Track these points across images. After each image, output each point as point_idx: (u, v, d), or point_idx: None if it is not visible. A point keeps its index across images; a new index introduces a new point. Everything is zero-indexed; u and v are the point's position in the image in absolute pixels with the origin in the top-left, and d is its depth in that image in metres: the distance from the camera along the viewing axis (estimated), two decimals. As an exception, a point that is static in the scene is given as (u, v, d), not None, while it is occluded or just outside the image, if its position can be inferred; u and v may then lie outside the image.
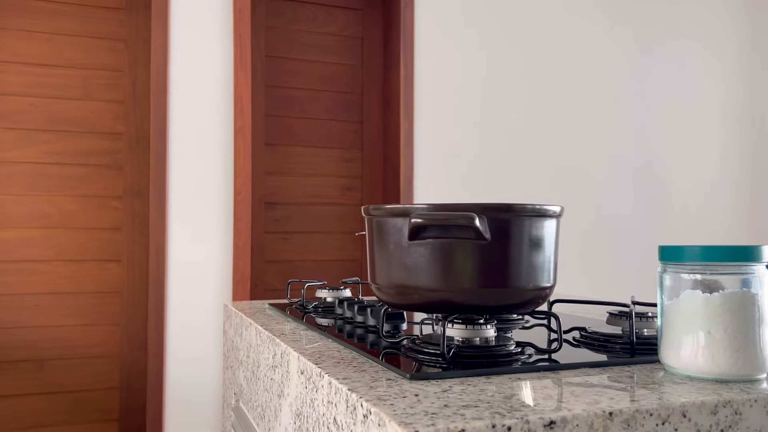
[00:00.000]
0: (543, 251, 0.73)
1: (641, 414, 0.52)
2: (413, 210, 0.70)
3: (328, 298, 1.21)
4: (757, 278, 0.62)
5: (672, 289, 0.65)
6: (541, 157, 3.06)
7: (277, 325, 1.04)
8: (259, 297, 2.69)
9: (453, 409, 0.51)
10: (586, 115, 3.16)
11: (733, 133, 3.52)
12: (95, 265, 2.42)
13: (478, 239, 0.68)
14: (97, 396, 2.40)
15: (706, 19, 3.45)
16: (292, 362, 0.79)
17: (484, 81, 2.95)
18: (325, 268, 2.83)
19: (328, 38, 2.81)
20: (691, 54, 3.41)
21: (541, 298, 0.74)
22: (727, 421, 0.56)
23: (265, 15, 2.75)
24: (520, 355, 0.71)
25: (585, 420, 0.51)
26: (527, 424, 0.49)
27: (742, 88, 3.55)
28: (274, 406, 0.89)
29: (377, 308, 0.92)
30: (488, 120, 2.94)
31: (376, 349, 0.75)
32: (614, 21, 3.22)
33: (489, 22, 2.97)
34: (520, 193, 2.97)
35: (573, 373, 0.66)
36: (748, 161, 3.56)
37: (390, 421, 0.49)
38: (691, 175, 3.40)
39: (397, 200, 2.79)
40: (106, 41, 2.45)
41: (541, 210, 0.72)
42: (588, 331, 0.83)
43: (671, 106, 3.36)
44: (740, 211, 3.52)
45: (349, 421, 0.58)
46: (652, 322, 0.80)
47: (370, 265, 0.80)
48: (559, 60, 3.10)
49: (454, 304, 0.72)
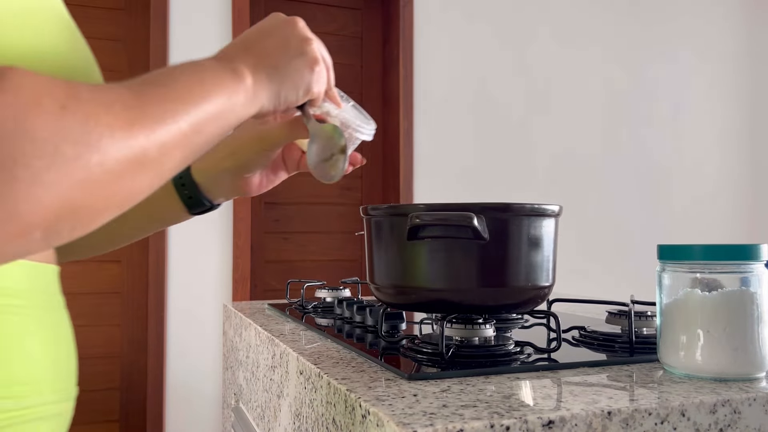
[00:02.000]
0: (542, 250, 0.73)
1: (640, 413, 0.52)
2: (411, 210, 0.70)
3: (327, 298, 1.20)
4: (756, 277, 0.62)
5: (671, 288, 0.65)
6: (541, 156, 3.06)
7: (276, 325, 1.04)
8: (259, 297, 2.69)
9: (451, 409, 0.51)
10: (586, 115, 3.16)
11: (733, 133, 3.52)
12: (95, 265, 2.42)
13: (477, 239, 0.68)
14: (97, 396, 2.40)
15: (707, 19, 3.45)
16: (291, 362, 0.79)
17: (484, 80, 2.95)
18: (325, 268, 2.83)
19: (327, 38, 2.80)
20: (691, 54, 3.41)
21: (540, 298, 0.74)
22: (726, 420, 0.56)
23: (264, 15, 2.75)
24: (519, 354, 0.71)
25: (584, 419, 0.51)
26: (526, 424, 0.49)
27: (743, 88, 3.54)
28: (274, 407, 0.89)
29: (376, 308, 0.92)
30: (487, 120, 2.94)
31: (375, 349, 0.75)
32: (615, 20, 3.22)
33: (488, 22, 2.97)
34: (519, 192, 2.97)
35: (572, 372, 0.66)
36: (748, 161, 3.56)
37: (388, 422, 0.49)
38: (690, 174, 3.40)
39: (397, 200, 2.79)
40: (105, 41, 2.45)
41: (540, 209, 0.72)
42: (587, 331, 0.83)
43: (671, 106, 3.36)
44: (740, 211, 3.52)
45: (347, 421, 0.58)
46: (651, 321, 0.80)
47: (369, 265, 0.80)
48: (558, 59, 3.10)
49: (452, 303, 0.72)
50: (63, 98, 0.35)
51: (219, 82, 0.48)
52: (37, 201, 0.33)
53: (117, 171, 0.37)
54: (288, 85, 0.55)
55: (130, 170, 0.39)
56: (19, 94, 0.33)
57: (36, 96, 0.34)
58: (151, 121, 0.40)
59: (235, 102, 0.49)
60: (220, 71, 0.49)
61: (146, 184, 0.42)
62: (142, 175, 0.40)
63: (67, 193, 0.35)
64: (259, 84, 0.52)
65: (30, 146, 0.32)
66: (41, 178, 0.33)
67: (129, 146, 0.38)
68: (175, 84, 0.44)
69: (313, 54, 0.57)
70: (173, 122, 0.42)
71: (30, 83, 0.34)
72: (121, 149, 0.37)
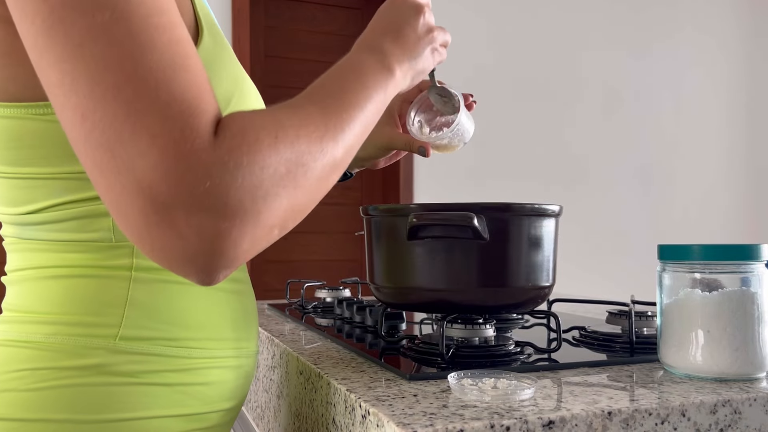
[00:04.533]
0: (542, 250, 0.73)
1: (640, 413, 0.52)
2: (411, 210, 0.70)
3: (327, 298, 1.20)
4: (757, 277, 0.62)
5: (671, 288, 0.65)
6: (541, 156, 3.06)
7: (276, 325, 1.04)
8: (259, 297, 2.69)
9: (451, 410, 0.51)
10: (586, 114, 3.16)
11: (734, 133, 3.52)
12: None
13: (477, 239, 0.68)
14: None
15: (707, 20, 3.45)
16: (291, 363, 0.79)
17: (484, 79, 2.94)
18: (325, 268, 2.83)
19: (327, 38, 2.80)
20: (692, 54, 3.40)
21: (540, 298, 0.74)
22: (727, 420, 0.56)
23: (264, 15, 2.75)
24: (520, 354, 0.71)
25: (584, 420, 0.51)
26: (526, 424, 0.49)
27: (743, 88, 3.54)
28: (274, 407, 0.89)
29: (376, 308, 0.92)
30: (487, 119, 2.94)
31: (375, 350, 0.75)
32: (615, 19, 3.22)
33: (488, 20, 2.97)
34: (519, 192, 2.97)
35: (572, 372, 0.66)
36: (748, 161, 3.56)
37: (388, 422, 0.49)
38: (691, 174, 3.40)
39: (397, 200, 2.79)
40: (105, 42, 2.45)
41: (540, 209, 0.72)
42: (587, 331, 0.83)
43: (672, 106, 3.36)
44: (740, 211, 3.52)
45: (347, 421, 0.58)
46: (651, 321, 0.80)
47: (369, 266, 0.79)
48: (559, 59, 3.10)
49: (453, 303, 0.72)
50: (273, 129, 0.46)
51: (377, 83, 0.59)
52: (274, 210, 0.46)
53: (320, 177, 0.50)
54: (420, 69, 0.69)
55: (327, 174, 0.51)
56: (244, 137, 0.44)
57: (255, 135, 0.45)
58: (338, 132, 0.51)
59: (389, 94, 0.61)
60: (377, 71, 0.60)
61: (336, 178, 0.54)
62: (334, 175, 0.52)
63: (290, 201, 0.47)
64: (403, 74, 0.65)
65: (259, 172, 0.44)
66: (274, 193, 0.45)
67: (325, 156, 0.50)
68: (346, 94, 0.55)
69: (436, 42, 0.71)
70: (352, 129, 0.53)
71: (249, 125, 0.45)
72: (320, 160, 0.49)
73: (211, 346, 0.61)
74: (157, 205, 0.42)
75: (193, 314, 0.60)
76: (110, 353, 0.55)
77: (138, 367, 0.56)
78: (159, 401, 0.57)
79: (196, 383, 0.60)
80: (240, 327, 0.66)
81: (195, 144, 0.42)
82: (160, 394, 0.57)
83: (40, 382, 0.54)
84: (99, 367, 0.54)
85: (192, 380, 0.59)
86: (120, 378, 0.55)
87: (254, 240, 0.46)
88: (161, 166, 0.41)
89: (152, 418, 0.56)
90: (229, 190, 0.43)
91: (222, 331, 0.63)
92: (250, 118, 0.46)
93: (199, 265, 0.44)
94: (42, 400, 0.53)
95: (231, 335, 0.64)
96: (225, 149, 0.43)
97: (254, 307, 0.71)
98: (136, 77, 0.42)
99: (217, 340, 0.62)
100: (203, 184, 0.42)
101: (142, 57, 0.43)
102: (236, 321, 0.66)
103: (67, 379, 0.54)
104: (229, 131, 0.44)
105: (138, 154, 0.41)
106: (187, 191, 0.42)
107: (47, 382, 0.54)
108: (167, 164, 0.41)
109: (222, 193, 0.42)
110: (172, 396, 0.58)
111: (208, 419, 0.62)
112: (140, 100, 0.42)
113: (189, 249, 0.43)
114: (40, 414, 0.53)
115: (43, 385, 0.54)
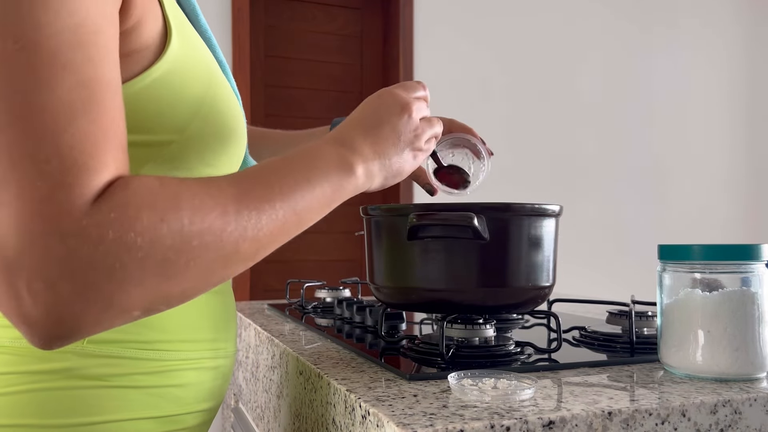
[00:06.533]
0: (542, 250, 0.73)
1: (640, 414, 0.52)
2: (411, 210, 0.70)
3: (327, 298, 1.20)
4: (757, 277, 0.62)
5: (672, 288, 0.65)
6: (541, 156, 3.06)
7: (276, 325, 1.03)
8: (259, 297, 2.69)
9: (452, 410, 0.51)
10: (586, 114, 3.16)
11: (734, 133, 3.52)
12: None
13: (477, 239, 0.68)
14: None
15: (707, 20, 3.45)
16: (291, 363, 0.79)
17: (484, 79, 2.94)
18: (325, 268, 2.83)
19: (327, 37, 2.80)
20: (692, 55, 3.40)
21: (540, 298, 0.74)
22: (727, 420, 0.56)
23: (264, 14, 2.75)
24: (520, 354, 0.71)
25: (584, 420, 0.50)
26: (526, 425, 0.49)
27: (744, 88, 3.54)
28: (274, 407, 0.89)
29: (376, 308, 0.92)
30: (487, 119, 2.94)
31: (375, 350, 0.75)
32: (615, 19, 3.22)
33: (488, 20, 2.97)
34: (519, 192, 2.97)
35: (572, 372, 0.65)
36: (749, 162, 3.55)
37: (388, 422, 0.49)
38: (691, 174, 3.40)
39: (397, 199, 2.78)
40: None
41: (540, 209, 0.72)
42: (588, 331, 0.83)
43: (672, 106, 3.36)
44: (740, 211, 3.52)
45: (347, 421, 0.58)
46: (651, 321, 0.80)
47: (369, 266, 0.79)
48: (559, 58, 3.10)
49: (453, 303, 0.72)
50: (162, 210, 0.42)
51: (327, 180, 0.55)
52: (132, 297, 0.41)
53: (208, 269, 0.45)
54: (396, 170, 0.64)
55: (221, 266, 0.46)
56: (122, 212, 0.41)
57: (136, 212, 0.41)
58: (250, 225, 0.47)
59: (345, 193, 0.57)
60: (334, 168, 0.56)
61: (240, 269, 0.49)
62: (235, 267, 0.48)
63: (159, 289, 0.43)
64: (368, 175, 0.60)
65: (124, 254, 0.40)
66: (138, 279, 0.41)
67: (223, 249, 0.45)
68: (282, 184, 0.50)
69: (420, 141, 0.65)
70: (272, 223, 0.49)
71: (135, 199, 0.41)
72: (214, 251, 0.45)
73: (186, 348, 0.60)
74: (1, 260, 0.39)
75: (169, 317, 0.59)
76: (79, 357, 0.54)
77: (108, 371, 0.55)
78: (131, 404, 0.56)
79: (170, 385, 0.59)
80: (219, 328, 0.65)
81: (61, 207, 0.39)
82: (131, 397, 0.56)
83: (8, 387, 0.53)
84: (68, 371, 0.54)
85: (165, 382, 0.58)
86: (90, 381, 0.54)
87: (101, 320, 0.42)
88: (18, 222, 0.38)
89: (124, 421, 0.55)
90: (82, 264, 0.39)
91: (200, 333, 0.62)
92: (143, 191, 0.42)
93: (36, 332, 0.41)
94: (11, 405, 0.52)
95: (209, 336, 0.63)
96: (94, 221, 0.40)
97: (234, 307, 0.71)
98: (23, 118, 0.39)
99: (193, 342, 0.61)
100: (56, 251, 0.39)
101: (37, 96, 0.39)
102: (216, 322, 0.65)
103: (35, 384, 0.53)
104: (111, 202, 0.41)
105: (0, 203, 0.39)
106: (38, 255, 0.38)
107: (15, 387, 0.53)
108: (24, 222, 0.38)
109: (74, 266, 0.39)
110: (144, 399, 0.57)
111: (184, 421, 0.61)
112: (20, 144, 0.39)
113: (25, 313, 0.40)
114: (9, 419, 0.52)
115: (12, 389, 0.53)
